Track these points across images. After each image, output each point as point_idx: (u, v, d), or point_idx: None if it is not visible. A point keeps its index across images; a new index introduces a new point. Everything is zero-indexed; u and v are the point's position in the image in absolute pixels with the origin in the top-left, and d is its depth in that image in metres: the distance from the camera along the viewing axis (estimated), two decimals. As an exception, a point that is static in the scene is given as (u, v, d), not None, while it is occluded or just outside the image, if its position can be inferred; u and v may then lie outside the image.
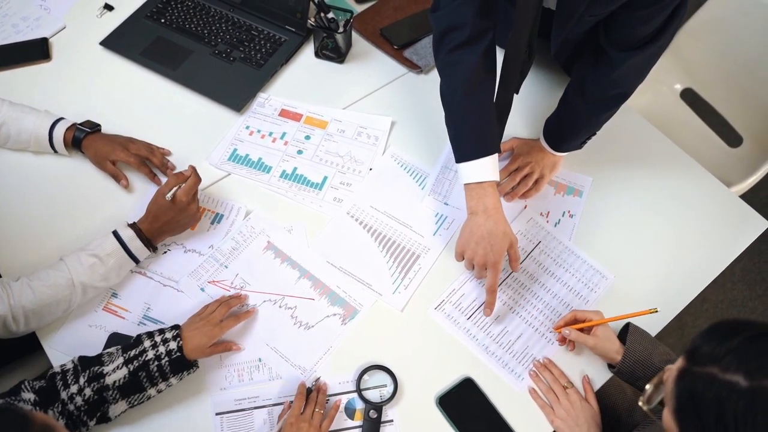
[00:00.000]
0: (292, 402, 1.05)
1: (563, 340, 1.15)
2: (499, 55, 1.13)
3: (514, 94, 1.22)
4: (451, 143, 1.14)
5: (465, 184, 1.13)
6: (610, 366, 1.12)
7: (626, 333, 1.10)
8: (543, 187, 1.30)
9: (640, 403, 0.76)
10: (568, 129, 1.25)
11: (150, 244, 1.14)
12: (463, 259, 1.16)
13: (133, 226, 1.13)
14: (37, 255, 1.19)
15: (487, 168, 1.10)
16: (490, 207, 1.10)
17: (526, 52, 1.12)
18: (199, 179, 1.17)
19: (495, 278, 1.11)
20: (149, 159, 1.28)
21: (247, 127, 1.37)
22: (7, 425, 0.64)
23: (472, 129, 1.11)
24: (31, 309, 1.03)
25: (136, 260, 1.13)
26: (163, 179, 1.28)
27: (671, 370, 0.70)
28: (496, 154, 1.13)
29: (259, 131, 1.37)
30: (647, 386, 0.75)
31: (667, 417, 0.70)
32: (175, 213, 1.14)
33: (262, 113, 1.40)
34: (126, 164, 1.26)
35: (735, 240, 1.29)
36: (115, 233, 1.11)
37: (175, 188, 1.14)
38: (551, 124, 1.29)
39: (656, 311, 1.09)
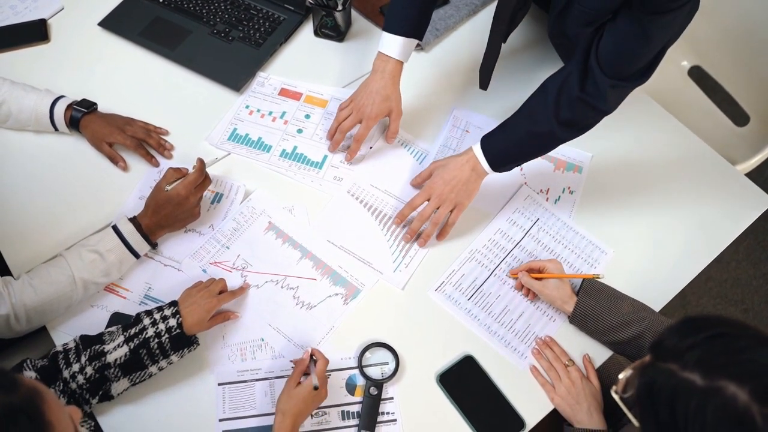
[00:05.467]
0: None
1: (520, 286, 1.17)
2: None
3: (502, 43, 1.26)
4: (387, 14, 1.24)
5: (379, 51, 1.24)
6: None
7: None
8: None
9: (612, 392, 0.75)
10: (520, 148, 1.17)
11: (148, 239, 1.13)
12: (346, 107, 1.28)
13: (133, 220, 1.12)
14: (40, 230, 1.20)
15: (398, 46, 1.22)
16: (388, 71, 1.23)
17: (520, 0, 1.19)
18: (201, 176, 1.15)
19: (364, 132, 1.25)
20: (146, 141, 1.27)
21: (247, 107, 1.37)
22: None
23: (404, 7, 1.21)
24: (33, 307, 1.03)
25: (136, 255, 1.13)
26: (161, 160, 1.29)
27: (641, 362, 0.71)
28: (413, 44, 1.24)
29: (258, 111, 1.36)
30: (620, 376, 0.75)
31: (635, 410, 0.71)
32: (172, 207, 1.12)
33: (262, 92, 1.39)
34: (123, 146, 1.27)
35: (739, 218, 1.28)
36: (115, 228, 1.11)
37: (174, 182, 1.13)
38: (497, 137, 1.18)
39: (599, 277, 1.13)
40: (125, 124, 1.27)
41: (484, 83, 1.34)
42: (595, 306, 1.10)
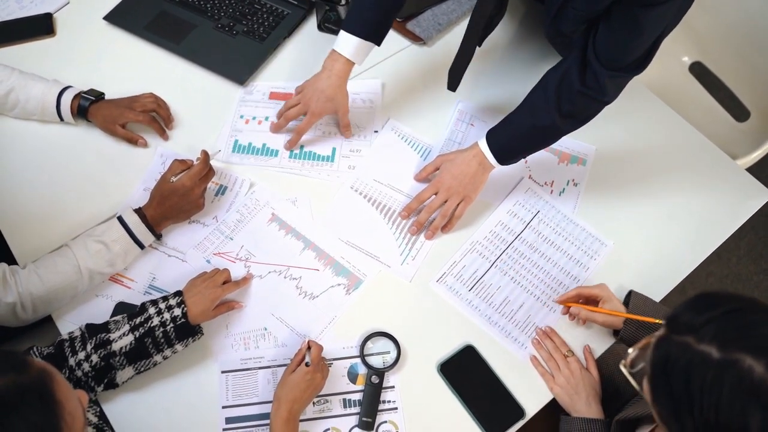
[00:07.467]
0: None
1: (567, 311, 1.14)
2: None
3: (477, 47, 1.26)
4: (348, 13, 1.23)
5: (332, 49, 1.23)
6: (615, 332, 1.12)
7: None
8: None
9: (621, 366, 0.76)
10: (525, 141, 1.20)
11: (153, 230, 1.15)
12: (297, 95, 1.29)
13: (138, 211, 1.14)
14: (45, 220, 1.22)
15: (352, 47, 1.21)
16: (335, 71, 1.22)
17: (496, 6, 1.18)
18: (206, 167, 1.16)
19: (305, 126, 1.26)
20: (156, 111, 1.29)
21: (242, 117, 1.35)
22: (5, 366, 0.65)
23: (367, 9, 1.20)
24: (39, 296, 1.04)
25: (141, 246, 1.14)
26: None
27: (653, 337, 0.71)
28: (369, 48, 1.23)
29: (254, 118, 1.35)
30: (630, 350, 0.76)
31: (645, 384, 0.71)
32: (177, 198, 1.14)
33: (252, 100, 1.38)
34: (136, 123, 1.28)
35: (739, 212, 1.28)
36: (120, 219, 1.12)
37: (179, 173, 1.14)
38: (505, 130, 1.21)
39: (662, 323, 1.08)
40: (132, 102, 1.29)
41: (453, 85, 1.33)
42: (637, 335, 1.08)
